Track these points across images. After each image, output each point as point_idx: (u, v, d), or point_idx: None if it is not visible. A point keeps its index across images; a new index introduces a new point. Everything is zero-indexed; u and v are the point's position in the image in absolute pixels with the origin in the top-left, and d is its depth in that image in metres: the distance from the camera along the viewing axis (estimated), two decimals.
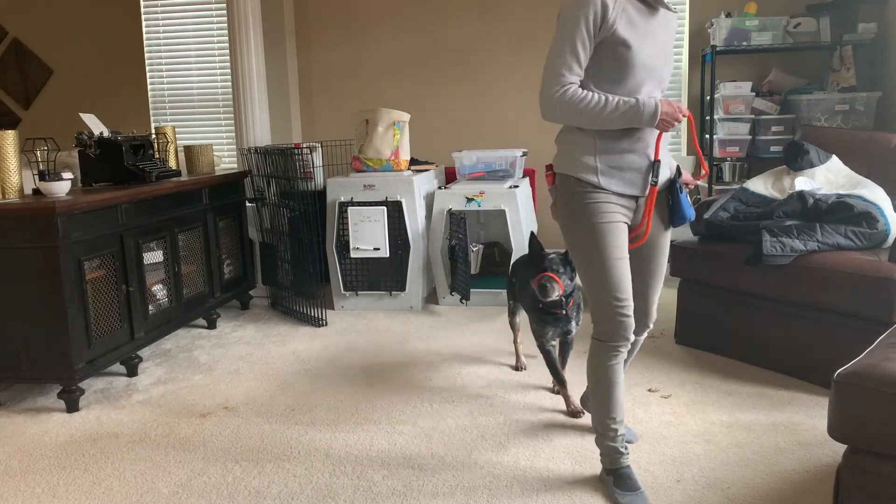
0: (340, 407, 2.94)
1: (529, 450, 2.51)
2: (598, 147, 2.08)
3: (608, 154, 2.08)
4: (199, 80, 5.61)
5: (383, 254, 4.25)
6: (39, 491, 2.37)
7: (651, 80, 2.06)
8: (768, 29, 4.39)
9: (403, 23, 5.26)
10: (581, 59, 2.00)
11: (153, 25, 5.60)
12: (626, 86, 2.03)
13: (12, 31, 5.82)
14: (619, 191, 2.09)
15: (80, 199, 2.98)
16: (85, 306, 3.03)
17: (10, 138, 2.98)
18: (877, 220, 3.01)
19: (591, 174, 2.09)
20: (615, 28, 1.97)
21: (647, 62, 2.02)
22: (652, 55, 2.03)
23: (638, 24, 2.00)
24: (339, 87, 5.40)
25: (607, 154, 2.08)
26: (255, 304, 4.64)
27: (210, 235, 4.04)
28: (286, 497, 2.26)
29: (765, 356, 3.16)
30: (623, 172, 2.09)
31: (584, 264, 2.13)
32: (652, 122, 2.01)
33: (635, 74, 2.02)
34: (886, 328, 2.62)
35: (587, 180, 2.09)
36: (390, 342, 3.75)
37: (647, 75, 2.04)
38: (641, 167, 2.10)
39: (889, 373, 1.70)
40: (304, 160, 4.17)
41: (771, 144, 4.50)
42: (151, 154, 3.82)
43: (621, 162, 2.09)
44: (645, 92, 2.05)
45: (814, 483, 2.23)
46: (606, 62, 2.02)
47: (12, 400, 3.17)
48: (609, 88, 2.03)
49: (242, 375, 3.35)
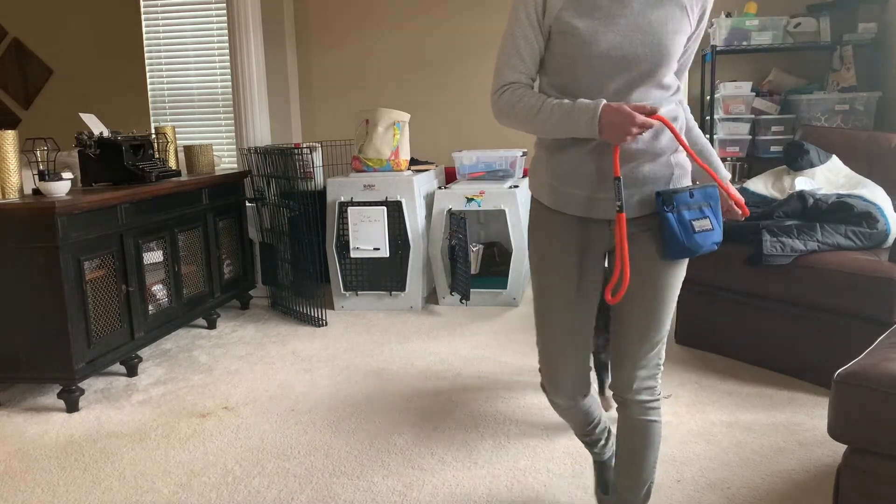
0: (340, 407, 2.94)
1: (529, 450, 2.51)
2: (550, 159, 1.72)
3: (558, 167, 1.70)
4: (198, 80, 5.60)
5: (383, 254, 4.25)
6: (39, 491, 2.37)
7: (624, 75, 1.61)
8: (768, 29, 4.39)
9: (403, 23, 5.26)
10: (525, 56, 1.68)
11: (153, 25, 5.59)
12: (582, 84, 1.63)
13: (12, 31, 5.82)
14: (577, 213, 1.69)
15: (80, 199, 2.98)
16: (85, 306, 3.03)
17: (10, 138, 2.98)
18: (877, 220, 3.01)
19: (543, 191, 1.74)
20: (560, 13, 1.61)
21: (610, 53, 1.59)
22: (622, 44, 1.59)
23: (599, 5, 1.60)
24: (339, 87, 5.39)
25: (558, 167, 1.70)
26: (255, 304, 4.64)
27: (210, 235, 4.04)
28: (286, 497, 2.26)
29: (765, 356, 3.16)
30: (578, 190, 1.68)
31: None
32: (591, 131, 1.56)
33: (592, 69, 1.61)
34: (886, 328, 2.62)
35: (539, 199, 1.76)
36: (390, 342, 3.75)
37: (613, 70, 1.60)
38: (594, 183, 1.66)
39: (889, 373, 1.70)
40: (304, 160, 4.17)
41: (771, 144, 4.50)
42: (151, 154, 3.81)
43: (572, 177, 1.68)
44: (613, 91, 1.61)
45: (814, 483, 2.23)
46: (558, 56, 1.65)
47: (12, 400, 3.17)
48: (564, 88, 1.66)
49: (242, 375, 3.35)
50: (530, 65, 1.69)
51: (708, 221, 1.66)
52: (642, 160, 1.65)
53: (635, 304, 1.70)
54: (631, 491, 1.80)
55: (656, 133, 1.64)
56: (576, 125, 1.58)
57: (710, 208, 1.66)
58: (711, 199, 1.67)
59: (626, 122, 1.52)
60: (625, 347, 1.73)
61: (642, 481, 1.79)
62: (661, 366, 1.75)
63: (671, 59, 1.62)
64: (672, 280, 1.71)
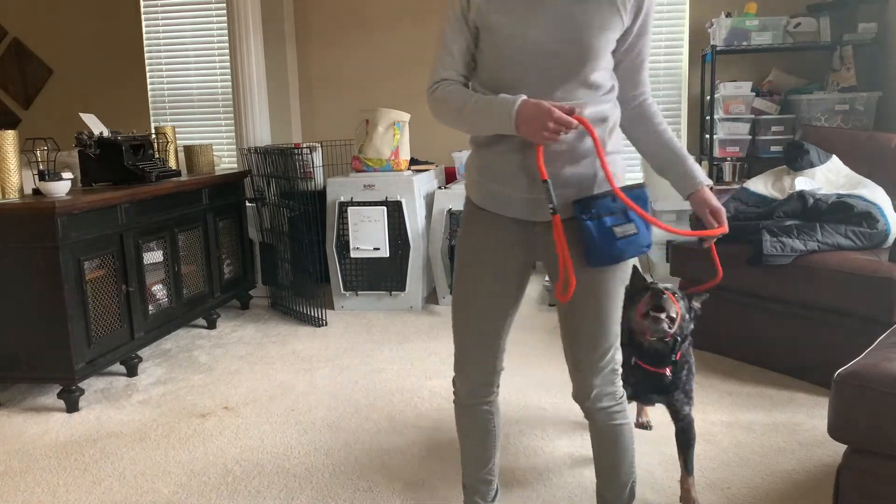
0: (340, 407, 2.94)
1: (529, 450, 2.51)
2: (478, 156, 1.70)
3: (485, 164, 1.67)
4: (198, 80, 5.61)
5: (383, 254, 4.25)
6: (39, 491, 2.37)
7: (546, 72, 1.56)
8: (768, 29, 4.39)
9: (404, 23, 5.26)
10: (455, 53, 1.65)
11: (153, 25, 5.59)
12: (507, 81, 1.59)
13: (12, 31, 5.81)
14: (501, 212, 1.67)
15: (80, 199, 2.98)
16: (85, 306, 3.03)
17: (10, 138, 2.98)
18: (877, 220, 3.01)
19: (473, 189, 1.72)
20: (483, 9, 1.58)
21: (530, 48, 1.55)
22: (544, 40, 1.54)
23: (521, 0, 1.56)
24: (339, 87, 5.39)
25: (485, 164, 1.67)
26: (255, 304, 4.64)
27: (210, 235, 4.04)
28: (286, 497, 2.26)
29: (765, 356, 3.16)
30: (506, 189, 1.64)
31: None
32: (509, 126, 1.52)
33: (515, 66, 1.57)
34: (886, 328, 2.62)
35: (469, 196, 1.75)
36: (390, 342, 3.75)
37: (535, 66, 1.56)
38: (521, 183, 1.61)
39: (889, 373, 1.70)
40: (304, 160, 4.17)
41: (771, 144, 4.50)
42: (151, 154, 3.82)
43: (499, 175, 1.65)
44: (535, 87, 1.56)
45: (814, 483, 2.23)
46: (485, 53, 1.63)
47: (12, 400, 3.17)
48: (493, 85, 1.62)
49: (242, 375, 3.35)
50: (460, 62, 1.66)
51: (633, 226, 1.58)
52: (565, 161, 1.59)
53: (578, 312, 1.68)
54: (614, 493, 1.80)
55: (581, 134, 1.58)
56: (496, 120, 1.54)
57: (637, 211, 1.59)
58: (639, 200, 1.59)
59: (542, 119, 1.46)
60: (576, 356, 1.71)
61: (622, 483, 1.79)
62: (618, 370, 1.73)
63: (597, 57, 1.56)
64: (607, 286, 1.66)
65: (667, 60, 5.05)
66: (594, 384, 1.70)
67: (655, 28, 5.01)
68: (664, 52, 5.04)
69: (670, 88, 5.08)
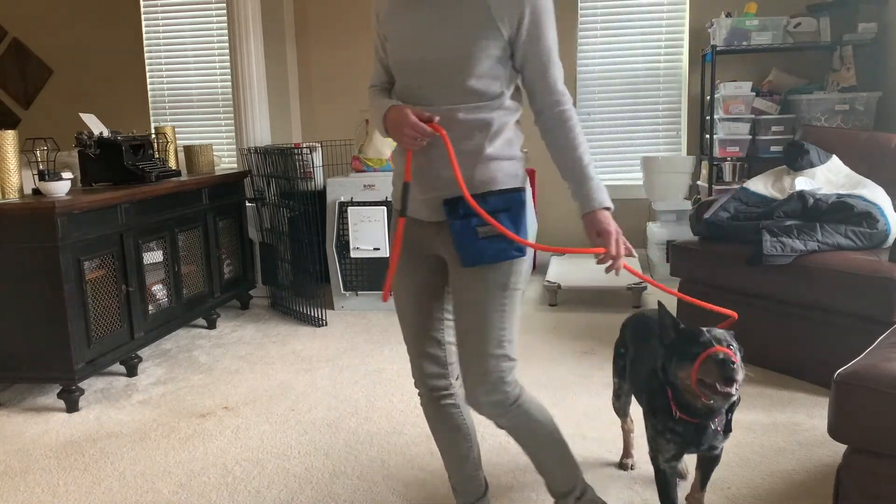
0: (340, 407, 2.94)
1: None
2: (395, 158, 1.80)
3: (396, 167, 1.79)
4: (198, 80, 5.61)
5: (383, 254, 4.25)
6: (39, 491, 2.37)
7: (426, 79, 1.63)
8: (768, 29, 4.39)
9: None
10: (378, 61, 1.77)
11: (153, 25, 5.60)
12: (403, 89, 1.69)
13: (12, 31, 5.82)
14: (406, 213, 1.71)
15: (80, 199, 2.98)
16: (85, 306, 3.03)
17: (10, 138, 2.98)
18: (877, 220, 3.01)
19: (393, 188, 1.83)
20: (383, 18, 1.69)
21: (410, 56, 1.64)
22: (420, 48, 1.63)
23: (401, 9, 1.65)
24: (339, 87, 5.39)
25: (395, 167, 1.79)
26: (255, 304, 4.64)
27: (210, 235, 4.04)
28: (286, 497, 2.26)
29: (765, 356, 3.16)
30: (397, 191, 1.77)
31: None
32: (383, 132, 1.67)
33: (400, 73, 1.68)
34: (886, 328, 2.62)
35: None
36: (390, 342, 3.74)
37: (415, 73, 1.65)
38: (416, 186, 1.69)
39: (889, 373, 1.70)
40: (304, 160, 4.17)
41: (771, 144, 4.50)
42: (151, 154, 3.82)
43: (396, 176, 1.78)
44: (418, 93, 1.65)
45: (814, 483, 2.23)
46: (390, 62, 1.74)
47: (12, 400, 3.17)
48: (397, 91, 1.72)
49: (242, 375, 3.35)
50: (382, 70, 1.77)
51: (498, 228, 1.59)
52: (443, 164, 1.62)
53: (460, 317, 1.70)
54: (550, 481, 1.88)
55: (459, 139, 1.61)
56: (379, 125, 1.68)
57: (509, 214, 1.60)
58: (513, 203, 1.62)
59: (402, 124, 1.57)
60: (461, 361, 1.72)
61: (548, 471, 1.85)
62: (506, 381, 1.69)
63: (473, 65, 1.58)
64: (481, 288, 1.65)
65: (667, 60, 5.05)
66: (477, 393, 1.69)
67: (656, 28, 5.01)
68: (664, 52, 5.04)
69: (670, 88, 5.08)
